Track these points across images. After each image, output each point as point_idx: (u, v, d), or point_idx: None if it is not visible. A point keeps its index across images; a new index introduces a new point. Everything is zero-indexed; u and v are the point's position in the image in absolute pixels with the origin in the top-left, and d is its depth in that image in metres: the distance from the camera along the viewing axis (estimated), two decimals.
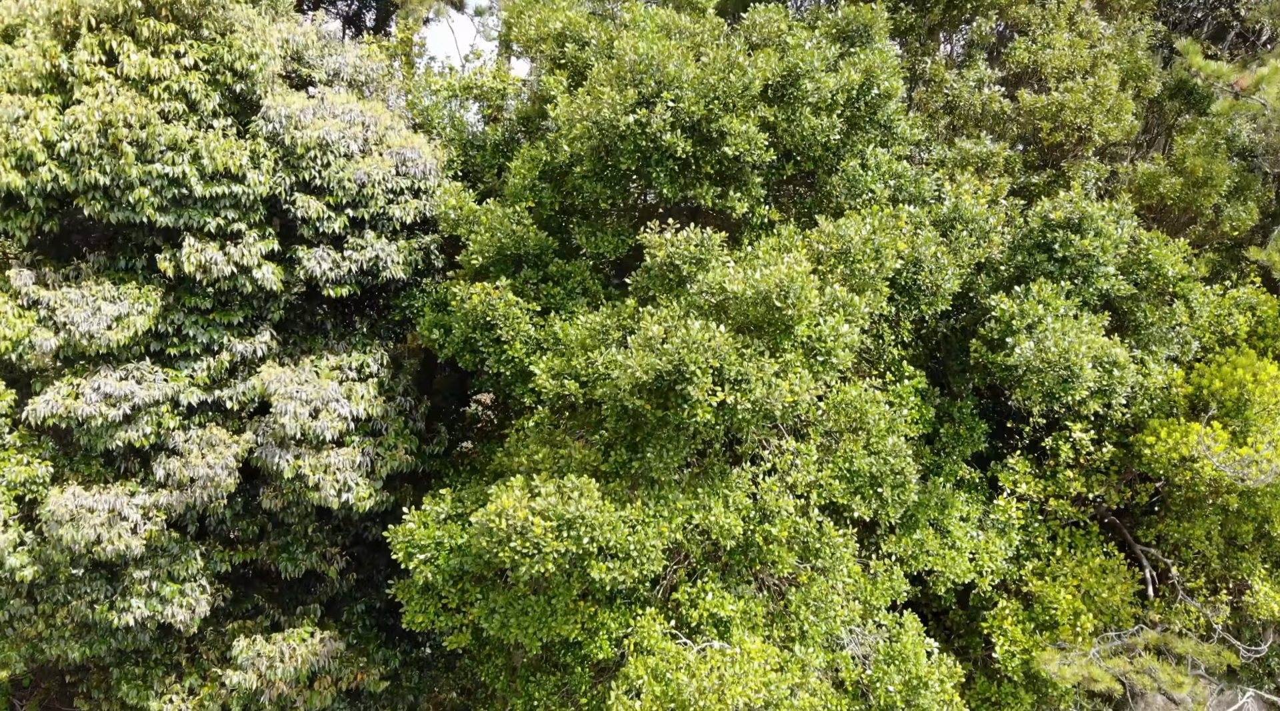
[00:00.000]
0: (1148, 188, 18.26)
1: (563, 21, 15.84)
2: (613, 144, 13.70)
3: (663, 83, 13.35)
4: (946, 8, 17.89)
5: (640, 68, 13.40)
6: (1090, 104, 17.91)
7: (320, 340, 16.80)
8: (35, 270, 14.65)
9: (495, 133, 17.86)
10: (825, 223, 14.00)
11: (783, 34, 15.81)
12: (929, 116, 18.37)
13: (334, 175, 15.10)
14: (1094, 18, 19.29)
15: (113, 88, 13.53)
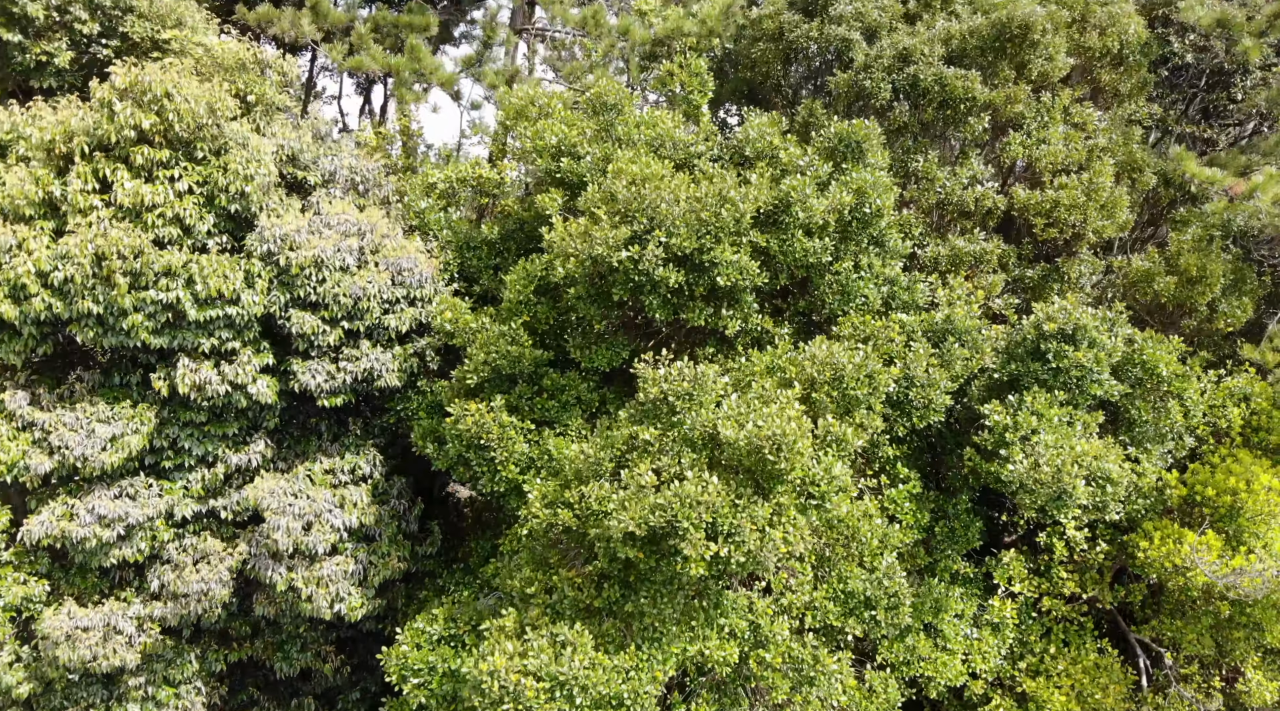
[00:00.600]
0: (1142, 285, 18.28)
1: (558, 136, 15.85)
2: (606, 274, 13.72)
3: (655, 220, 13.37)
4: (940, 107, 17.89)
5: (633, 206, 13.42)
6: (1085, 201, 17.93)
7: (314, 442, 16.81)
8: (30, 390, 14.67)
9: (490, 230, 17.87)
10: (817, 345, 14.02)
11: (775, 148, 15.85)
12: (923, 212, 18.39)
13: (329, 290, 15.12)
14: (1089, 107, 19.32)
15: (105, 218, 13.54)
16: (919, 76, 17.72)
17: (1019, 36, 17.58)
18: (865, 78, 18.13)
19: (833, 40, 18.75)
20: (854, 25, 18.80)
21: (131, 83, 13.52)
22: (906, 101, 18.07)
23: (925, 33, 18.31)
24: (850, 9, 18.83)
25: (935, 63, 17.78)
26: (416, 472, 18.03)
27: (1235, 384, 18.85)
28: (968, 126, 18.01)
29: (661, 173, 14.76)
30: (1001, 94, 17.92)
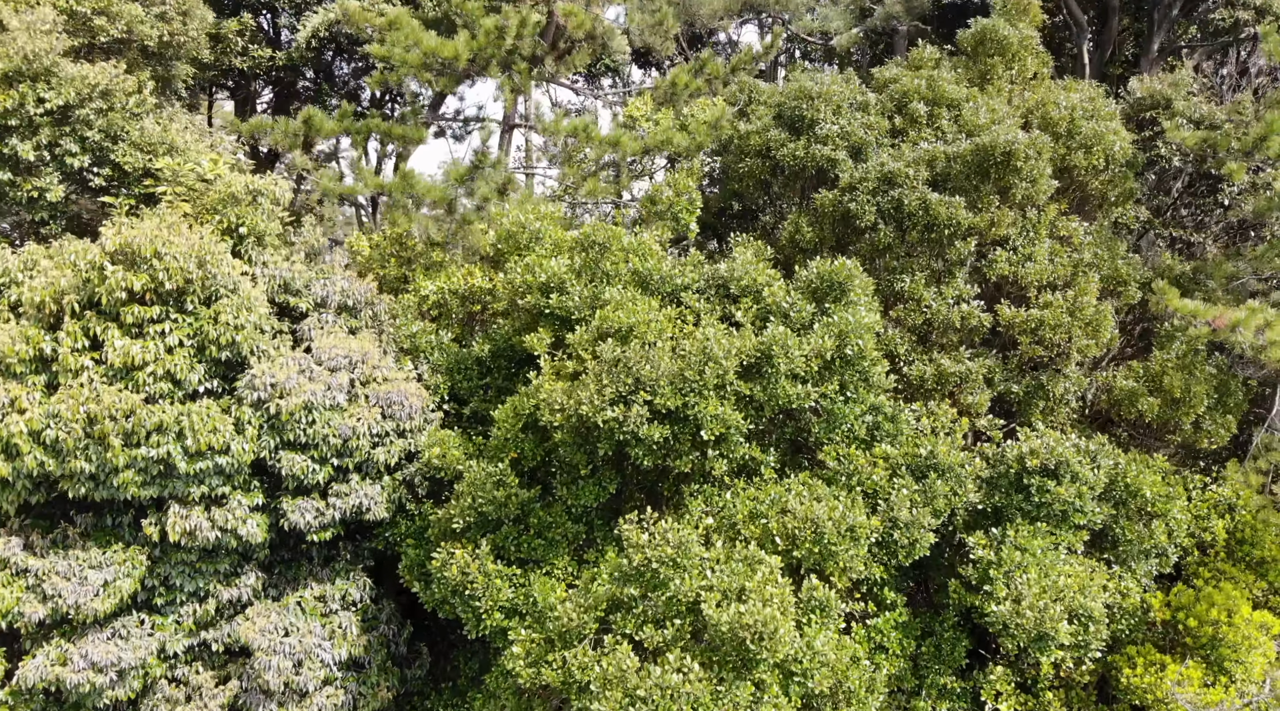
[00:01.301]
0: (1126, 404, 18.43)
1: (548, 273, 16.04)
2: (591, 429, 13.91)
3: (640, 381, 13.55)
4: (925, 230, 18.05)
5: (619, 369, 13.60)
6: (1069, 321, 18.09)
7: (305, 566, 16.99)
8: (23, 536, 14.86)
9: (481, 347, 18.07)
10: (797, 497, 14.19)
11: (760, 285, 16.03)
12: (909, 330, 18.54)
13: (319, 431, 15.30)
14: (1074, 220, 19.48)
15: (96, 377, 13.73)
16: (903, 201, 17.89)
17: (1002, 163, 17.74)
18: (851, 199, 18.31)
19: (818, 159, 18.91)
20: (839, 144, 18.97)
21: (122, 244, 13.72)
22: (891, 224, 18.23)
23: (909, 153, 18.48)
24: (835, 128, 19.01)
25: (920, 186, 17.95)
26: (405, 590, 18.17)
27: (1220, 493, 19.04)
28: (953, 249, 18.17)
29: (649, 318, 14.96)
30: (986, 218, 18.08)
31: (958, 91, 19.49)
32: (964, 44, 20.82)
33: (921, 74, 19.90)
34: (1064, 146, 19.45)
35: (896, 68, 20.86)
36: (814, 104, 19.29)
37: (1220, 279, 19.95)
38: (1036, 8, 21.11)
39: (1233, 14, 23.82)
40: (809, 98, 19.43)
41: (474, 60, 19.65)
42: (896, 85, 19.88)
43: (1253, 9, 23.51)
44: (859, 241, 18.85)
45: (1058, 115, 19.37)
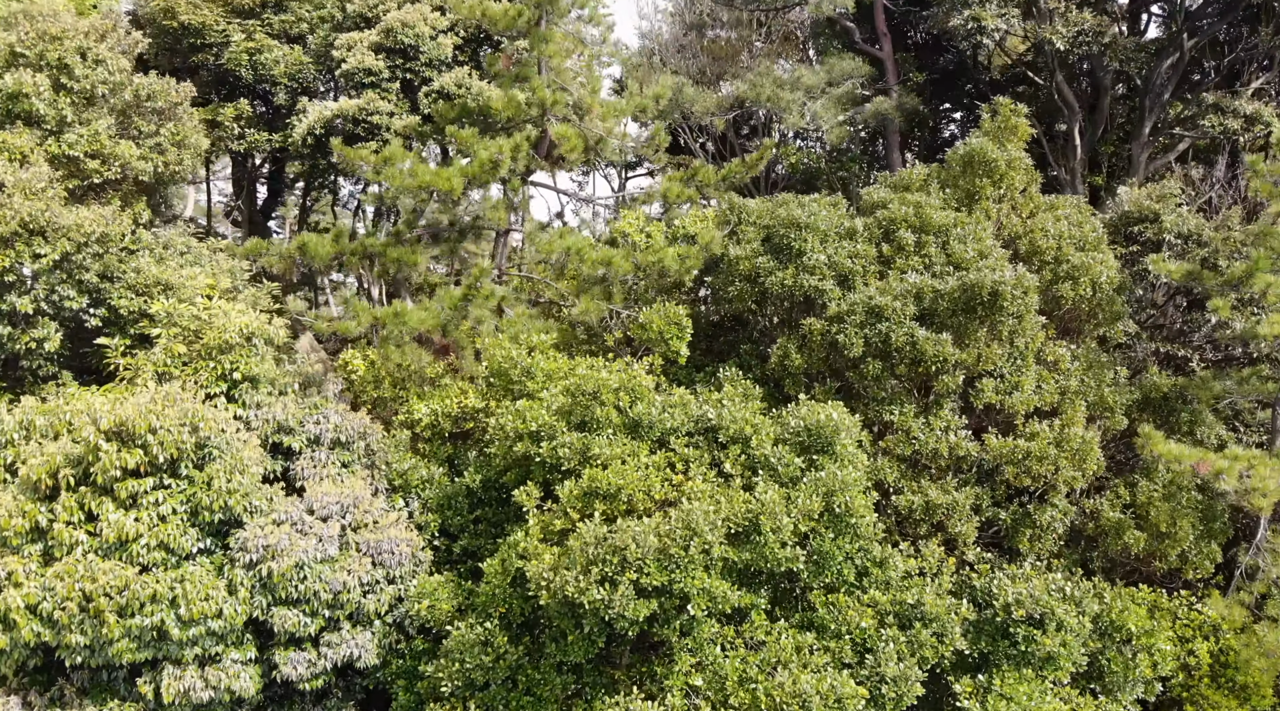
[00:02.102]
0: (1113, 537, 18.59)
1: (538, 421, 16.22)
2: (578, 606, 14.08)
3: (626, 560, 13.72)
4: (912, 364, 18.23)
5: (605, 548, 13.77)
6: (1056, 453, 18.26)
7: (298, 707, 17.16)
8: (21, 695, 15.03)
9: (473, 478, 18.23)
10: (784, 672, 14.37)
11: (747, 434, 16.21)
12: (897, 459, 18.70)
13: (311, 587, 15.48)
14: (1061, 346, 19.66)
15: (91, 550, 13.91)
16: (891, 335, 18.06)
17: (989, 302, 17.91)
18: (839, 330, 18.47)
19: (806, 289, 19.09)
20: (826, 274, 19.14)
21: (116, 422, 13.90)
22: (879, 357, 18.40)
23: (897, 285, 18.64)
24: (823, 258, 19.18)
25: (907, 321, 18.12)
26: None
27: (1205, 614, 19.19)
28: (940, 382, 18.35)
29: (637, 477, 15.13)
30: (973, 353, 18.26)
31: (945, 218, 19.66)
32: (952, 163, 20.99)
33: (909, 200, 20.07)
34: (1051, 272, 19.65)
35: (884, 189, 21.06)
36: (801, 233, 19.47)
37: (1207, 398, 20.12)
38: (1025, 126, 21.29)
39: (1222, 121, 23.99)
40: (796, 226, 19.61)
41: (471, 181, 19.85)
42: (884, 212, 20.05)
43: (1242, 117, 23.69)
44: (848, 371, 19.03)
45: (1045, 244, 19.56)
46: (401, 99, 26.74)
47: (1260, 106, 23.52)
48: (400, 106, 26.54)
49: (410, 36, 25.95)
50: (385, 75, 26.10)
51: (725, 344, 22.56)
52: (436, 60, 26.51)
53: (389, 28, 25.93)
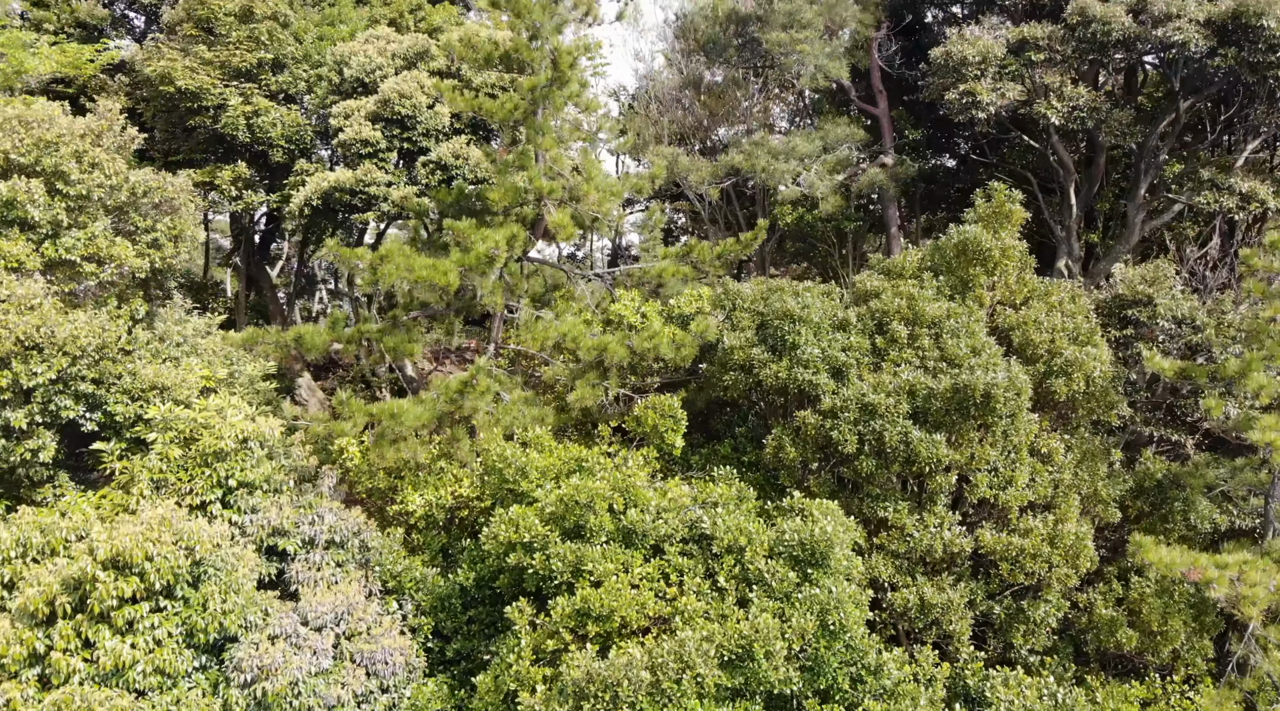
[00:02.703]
0: (1105, 633, 18.65)
1: (531, 531, 16.28)
2: None
3: (618, 697, 13.77)
4: (906, 463, 18.29)
5: (596, 685, 13.82)
6: (1049, 550, 18.32)
7: None
8: None
9: (466, 576, 18.28)
10: None
11: (741, 545, 16.27)
12: (891, 556, 18.76)
13: (305, 702, 15.53)
14: (1055, 438, 19.72)
15: (89, 681, 13.96)
16: (885, 434, 18.13)
17: (982, 403, 17.97)
18: (833, 427, 18.54)
19: (800, 382, 19.16)
20: (820, 368, 19.21)
21: (113, 552, 13.96)
22: (874, 455, 18.46)
23: (890, 380, 18.71)
24: (817, 351, 19.24)
25: (901, 420, 18.18)
26: None
27: (1199, 706, 19.25)
28: (934, 481, 18.42)
29: (630, 597, 15.19)
30: (966, 453, 18.32)
31: (938, 310, 19.72)
32: (946, 249, 21.05)
33: (902, 291, 20.14)
34: (1044, 365, 19.71)
35: (878, 277, 21.14)
36: (795, 326, 19.54)
37: (1200, 486, 20.19)
38: (1019, 213, 21.35)
39: (1217, 198, 24.04)
40: (790, 318, 19.68)
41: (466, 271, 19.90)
42: (877, 302, 20.12)
43: (1237, 195, 23.74)
44: (842, 466, 19.11)
45: (1039, 338, 19.62)
46: (399, 168, 26.79)
47: (1256, 184, 23.56)
48: (398, 176, 26.59)
49: (407, 107, 26.00)
50: (382, 146, 26.15)
51: (721, 422, 22.66)
52: (434, 130, 26.56)
53: (386, 98, 25.98)
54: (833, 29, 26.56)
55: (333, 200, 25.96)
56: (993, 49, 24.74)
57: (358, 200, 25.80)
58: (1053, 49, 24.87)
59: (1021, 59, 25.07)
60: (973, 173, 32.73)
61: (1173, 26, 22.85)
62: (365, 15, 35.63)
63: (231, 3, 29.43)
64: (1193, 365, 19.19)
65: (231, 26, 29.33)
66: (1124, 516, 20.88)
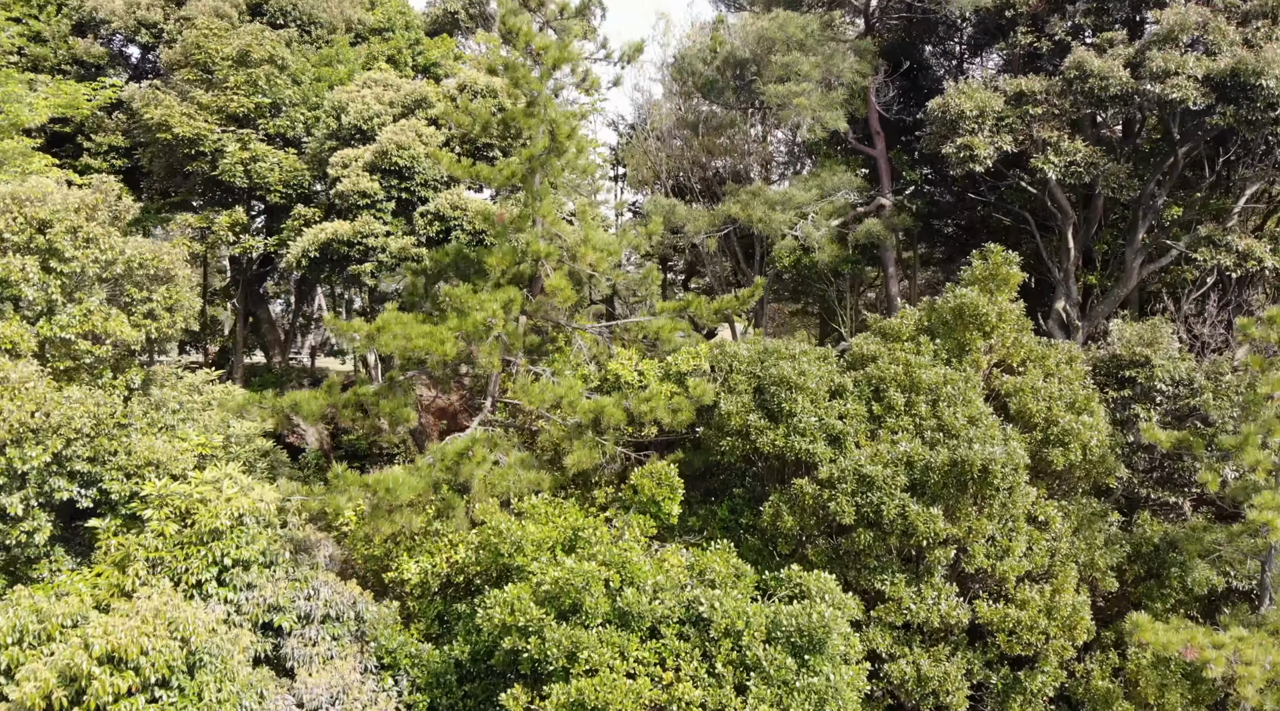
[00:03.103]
0: (1101, 705, 18.64)
1: (525, 615, 16.26)
2: None
3: None
4: (903, 536, 18.27)
5: None
6: (1046, 622, 18.33)
7: None
8: None
9: (461, 649, 18.25)
10: None
11: (739, 628, 16.25)
12: (888, 627, 18.75)
13: None
14: (1052, 506, 19.70)
15: None
16: (883, 508, 18.11)
17: (980, 478, 17.96)
18: (830, 498, 18.53)
19: (797, 451, 19.15)
20: (818, 436, 19.19)
21: (109, 648, 13.95)
22: (871, 528, 18.45)
23: (887, 451, 18.69)
24: (814, 420, 19.23)
25: (898, 493, 18.16)
26: None
27: None
28: (931, 554, 18.40)
29: (625, 687, 15.17)
30: (963, 527, 18.30)
31: (935, 376, 19.70)
32: (943, 311, 21.03)
33: (899, 357, 20.12)
34: (1041, 434, 19.69)
35: (874, 342, 21.12)
36: (791, 395, 19.52)
37: (1197, 550, 20.17)
38: (1016, 276, 21.33)
39: (1214, 255, 24.03)
40: (787, 385, 19.67)
41: (464, 337, 19.88)
42: (874, 368, 20.10)
43: (1235, 252, 23.73)
44: (839, 536, 19.09)
45: (1035, 407, 19.61)
46: (396, 218, 26.76)
47: (1252, 242, 23.55)
48: (395, 225, 26.57)
49: (405, 158, 25.98)
50: (380, 196, 26.13)
51: (719, 480, 22.64)
52: (432, 180, 26.53)
53: (384, 149, 25.95)
54: (829, 81, 26.53)
55: (330, 251, 25.93)
56: (990, 103, 24.71)
57: (355, 252, 25.77)
58: (1050, 102, 24.86)
59: (1018, 111, 25.05)
60: (971, 209, 32.70)
61: (1170, 83, 22.82)
62: (363, 52, 35.65)
63: (229, 47, 29.44)
64: (1189, 437, 19.17)
65: (228, 71, 29.33)
66: (1121, 581, 20.87)
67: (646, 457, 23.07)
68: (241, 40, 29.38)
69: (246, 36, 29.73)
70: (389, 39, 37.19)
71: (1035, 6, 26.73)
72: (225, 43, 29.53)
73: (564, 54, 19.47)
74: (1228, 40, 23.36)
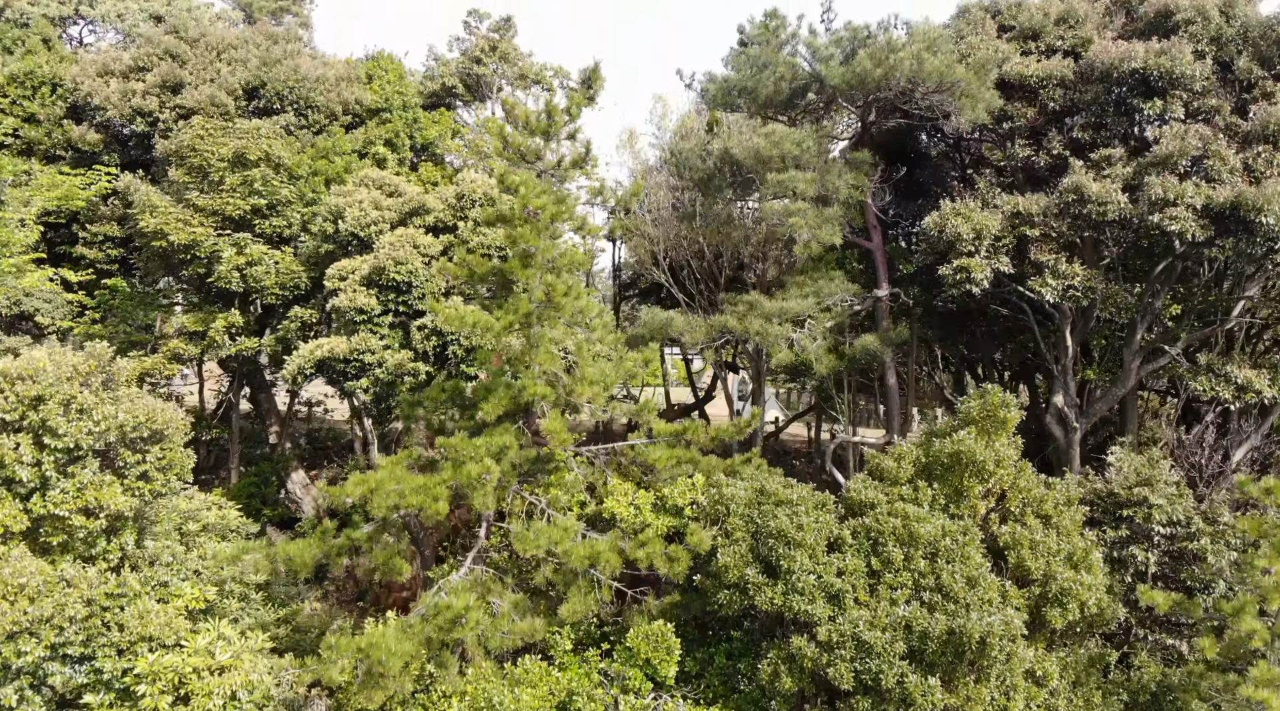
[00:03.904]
0: None
1: None
2: None
3: None
4: (901, 704, 18.19)
5: None
6: None
7: None
8: None
9: None
10: None
11: None
12: None
13: None
14: (1049, 660, 19.62)
15: None
16: (881, 675, 18.03)
17: (978, 648, 17.87)
18: (829, 662, 18.43)
19: (795, 611, 19.06)
20: (816, 595, 19.11)
21: None
22: (870, 695, 18.36)
23: (885, 614, 18.60)
24: (812, 579, 19.13)
25: (896, 661, 18.08)
26: None
27: None
28: None
29: None
30: (961, 695, 18.23)
31: (933, 530, 19.60)
32: (940, 456, 20.94)
33: (897, 509, 20.03)
34: (1039, 589, 19.61)
35: (872, 488, 21.03)
36: (789, 552, 19.44)
37: (1194, 696, 20.09)
38: (1014, 417, 21.24)
39: (1213, 386, 23.92)
40: (785, 541, 19.58)
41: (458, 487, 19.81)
42: (872, 518, 20.02)
43: (1234, 385, 23.61)
44: (838, 700, 19.01)
45: (1034, 564, 19.52)
46: (394, 330, 26.67)
47: (1251, 374, 23.40)
48: (393, 336, 26.47)
49: (403, 274, 25.88)
50: (377, 310, 26.04)
51: (716, 620, 22.50)
52: (429, 293, 26.44)
53: (381, 266, 25.85)
54: (826, 197, 26.40)
55: (326, 366, 25.85)
56: (987, 224, 24.61)
57: (351, 368, 25.69)
58: (1047, 224, 24.76)
59: (1016, 231, 24.95)
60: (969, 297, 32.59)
61: (1169, 214, 22.70)
62: (360, 138, 35.59)
63: (224, 147, 29.35)
64: (1186, 601, 19.09)
65: (224, 172, 29.24)
66: None
67: (643, 593, 23.03)
68: (237, 142, 29.28)
69: (242, 138, 29.64)
70: (386, 121, 37.13)
71: (1033, 119, 26.64)
72: (221, 143, 29.44)
73: (561, 209, 19.41)
74: (1228, 167, 23.25)
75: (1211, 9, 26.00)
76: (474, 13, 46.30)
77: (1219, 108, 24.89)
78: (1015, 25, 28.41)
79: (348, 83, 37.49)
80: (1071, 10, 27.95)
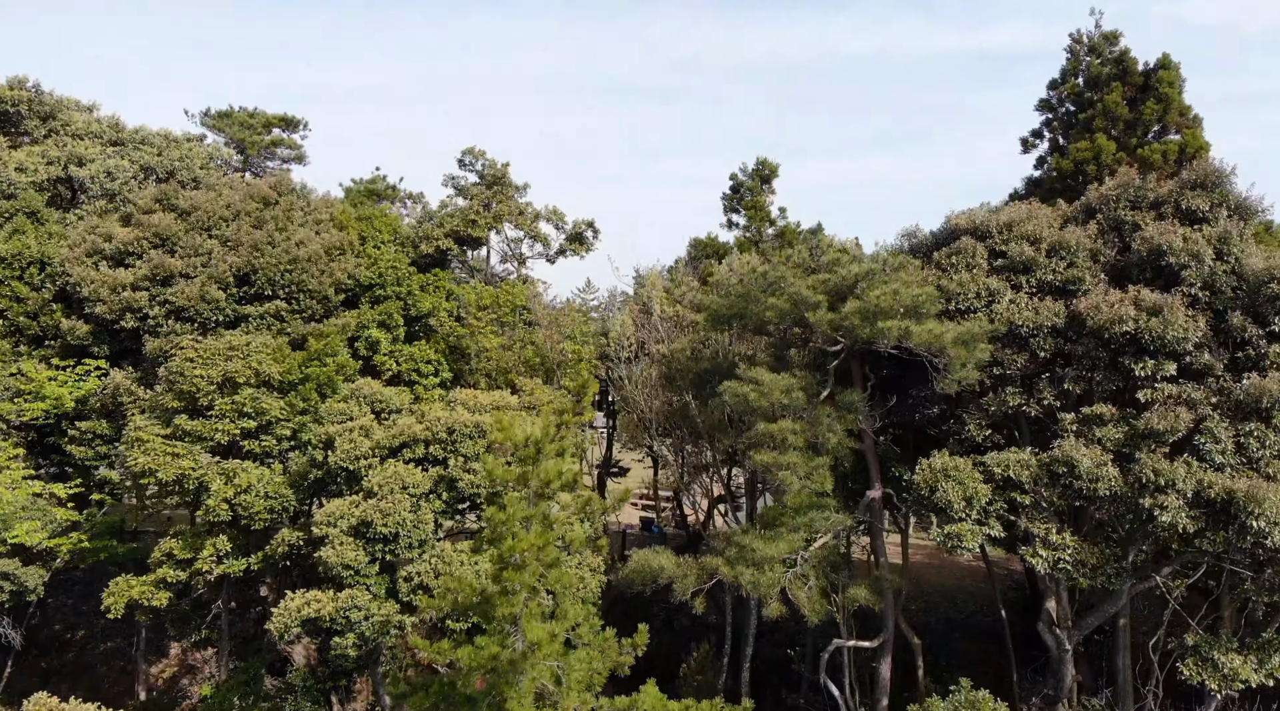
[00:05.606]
0: None
1: None
2: None
3: None
4: None
5: None
6: None
7: None
8: None
9: None
10: None
11: None
12: None
13: None
14: None
15: None
16: None
17: None
18: None
19: None
20: None
21: None
22: None
23: None
24: None
25: None
26: None
27: None
28: None
29: None
30: None
31: None
32: None
33: None
34: None
35: None
36: None
37: None
38: None
39: (1200, 672, 23.76)
40: None
41: None
42: None
43: (1221, 672, 23.47)
44: None
45: None
46: (380, 576, 26.51)
47: (1239, 662, 23.25)
48: (380, 583, 26.31)
49: (390, 525, 25.73)
50: (364, 561, 25.88)
51: None
52: (416, 542, 26.30)
53: (368, 519, 25.71)
54: (816, 445, 26.25)
55: (311, 626, 25.72)
56: (979, 492, 24.47)
57: (336, 625, 25.55)
58: (1038, 493, 24.61)
59: (1005, 496, 24.81)
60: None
61: (1159, 502, 22.56)
62: (353, 321, 35.47)
63: (214, 370, 29.23)
64: None
65: (213, 397, 29.12)
66: None
67: None
68: (226, 365, 29.14)
69: (230, 357, 29.51)
70: (380, 298, 37.04)
71: (1024, 367, 26.48)
72: (210, 364, 29.31)
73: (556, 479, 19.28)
74: (1220, 447, 23.09)
75: (1205, 252, 25.81)
76: (469, 151, 46.22)
77: (1212, 366, 24.71)
78: (1006, 254, 28.18)
79: (340, 253, 37.38)
80: (1063, 241, 27.75)
